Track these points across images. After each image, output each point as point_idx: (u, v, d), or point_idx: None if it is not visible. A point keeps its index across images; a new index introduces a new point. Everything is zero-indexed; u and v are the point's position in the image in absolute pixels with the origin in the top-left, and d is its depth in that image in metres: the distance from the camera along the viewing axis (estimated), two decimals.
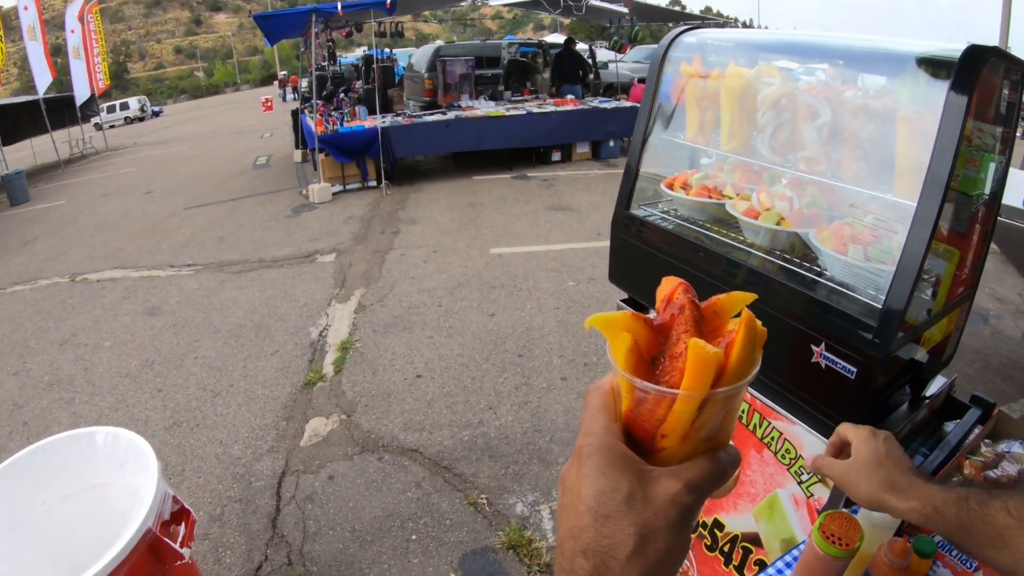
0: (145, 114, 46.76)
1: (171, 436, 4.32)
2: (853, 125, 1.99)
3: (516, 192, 10.71)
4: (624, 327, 0.57)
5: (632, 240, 2.62)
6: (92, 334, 6.19)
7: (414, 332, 5.52)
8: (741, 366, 0.54)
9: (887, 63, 2.05)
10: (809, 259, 2.08)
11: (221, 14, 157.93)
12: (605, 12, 16.09)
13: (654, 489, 0.53)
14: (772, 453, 2.10)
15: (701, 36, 2.66)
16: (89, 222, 11.30)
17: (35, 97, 20.03)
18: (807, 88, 2.16)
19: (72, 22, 23.81)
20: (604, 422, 0.57)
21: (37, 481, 2.37)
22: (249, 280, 7.18)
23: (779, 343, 1.95)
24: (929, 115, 1.68)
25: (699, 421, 0.54)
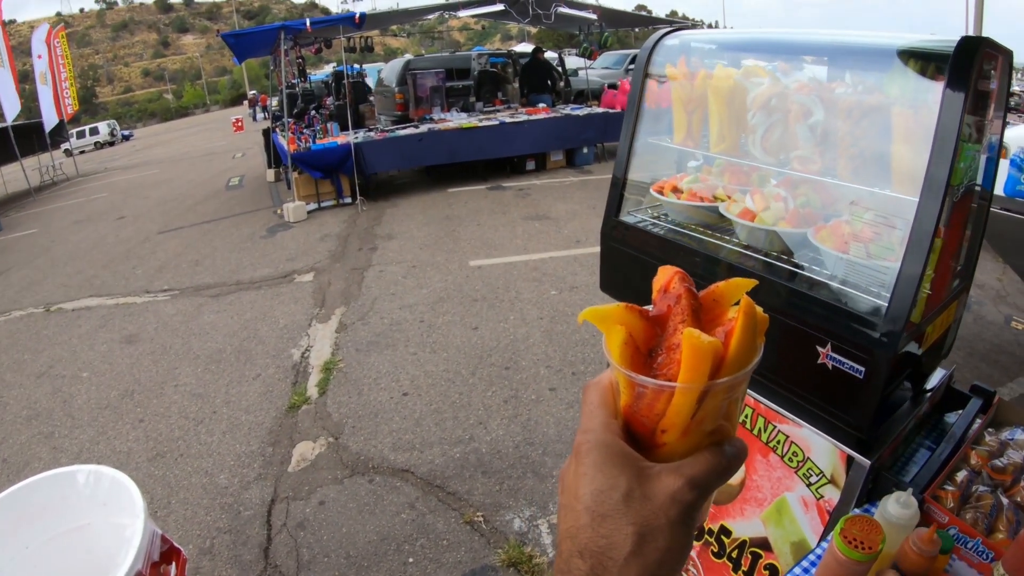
0: (115, 138, 46.42)
1: (155, 468, 4.23)
2: (847, 122, 1.99)
3: (492, 203, 10.68)
4: (619, 320, 0.55)
5: (623, 248, 2.61)
6: (69, 365, 6.09)
7: (398, 349, 5.46)
8: (741, 355, 0.52)
9: (877, 58, 2.04)
10: (807, 259, 2.07)
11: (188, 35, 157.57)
12: (574, 19, 16.17)
13: (654, 486, 0.51)
14: (779, 457, 2.09)
15: (684, 38, 2.66)
16: (62, 250, 11.16)
17: (3, 124, 19.82)
18: (799, 87, 2.17)
19: (39, 47, 23.60)
20: (602, 418, 0.55)
21: (18, 524, 2.30)
22: (227, 303, 7.09)
23: (783, 346, 1.94)
24: (924, 109, 1.69)
25: (700, 414, 0.52)
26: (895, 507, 1.46)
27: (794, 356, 1.90)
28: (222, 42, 12.58)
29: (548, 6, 14.56)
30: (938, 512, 1.56)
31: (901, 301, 1.63)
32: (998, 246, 4.91)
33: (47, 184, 22.45)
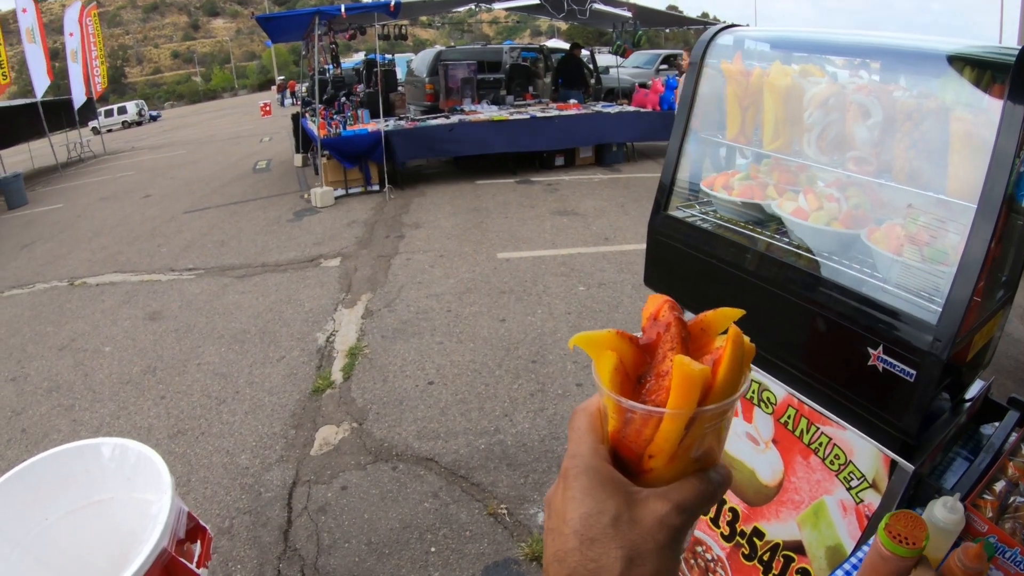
0: (143, 118, 46.83)
1: (176, 445, 4.19)
2: (906, 125, 1.94)
3: (520, 197, 10.61)
4: (609, 346, 0.56)
5: (671, 242, 2.57)
6: (92, 339, 6.07)
7: (424, 338, 5.39)
8: (728, 383, 0.54)
9: (935, 63, 1.96)
10: (859, 260, 2.04)
11: (219, 19, 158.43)
12: (608, 16, 16.08)
13: (642, 511, 0.52)
14: (820, 459, 2.06)
15: (738, 35, 2.62)
16: (87, 226, 11.19)
17: (33, 100, 19.97)
18: (858, 87, 2.12)
19: (71, 25, 23.79)
20: (591, 443, 0.56)
21: (39, 495, 2.24)
22: (252, 285, 7.05)
23: (833, 347, 1.93)
24: (983, 117, 1.66)
25: (687, 440, 0.54)
26: (942, 511, 1.42)
27: (844, 357, 1.87)
28: (252, 27, 12.67)
29: (583, 2, 14.47)
30: (978, 520, 1.52)
31: (955, 306, 1.62)
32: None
33: (74, 160, 22.60)
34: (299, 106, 18.82)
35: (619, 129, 12.90)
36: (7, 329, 6.56)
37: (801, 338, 2.07)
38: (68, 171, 19.91)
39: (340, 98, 14.01)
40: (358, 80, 16.79)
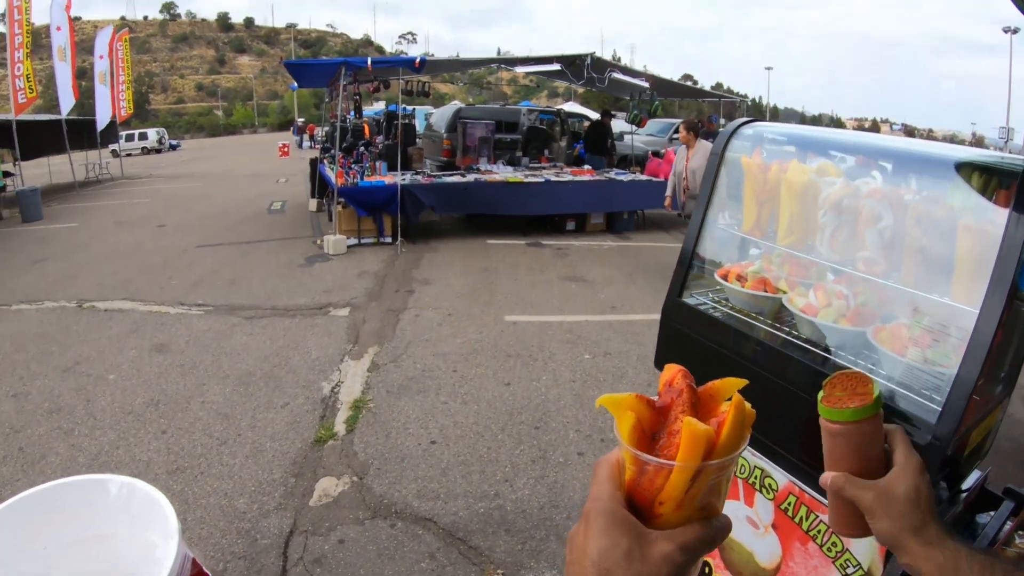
0: (163, 146, 47.35)
1: (173, 481, 4.18)
2: (915, 230, 2.03)
3: (530, 260, 10.69)
4: (629, 407, 0.66)
5: (683, 328, 2.62)
6: (96, 364, 6.09)
7: (428, 396, 5.41)
8: (731, 442, 0.63)
9: (944, 169, 2.07)
10: (864, 357, 2.10)
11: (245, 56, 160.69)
12: (626, 86, 16.38)
13: (651, 548, 0.60)
14: (817, 546, 2.11)
15: (759, 129, 2.71)
16: (100, 249, 11.28)
17: (58, 117, 20.23)
18: (870, 191, 2.19)
19: (102, 47, 24.24)
20: (610, 490, 0.64)
21: (40, 524, 2.24)
22: (260, 327, 7.08)
23: None
24: (989, 223, 1.75)
25: (693, 490, 0.62)
26: None
27: None
28: (276, 67, 13.02)
29: (603, 70, 14.76)
30: None
31: (954, 407, 1.70)
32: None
33: (92, 181, 22.82)
34: (318, 151, 19.05)
35: (631, 197, 13.09)
36: (12, 344, 6.59)
37: (805, 429, 2.11)
38: (85, 191, 20.09)
39: (359, 147, 14.20)
40: (378, 131, 17.00)
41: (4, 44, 17.24)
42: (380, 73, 13.52)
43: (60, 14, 19.92)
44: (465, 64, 20.00)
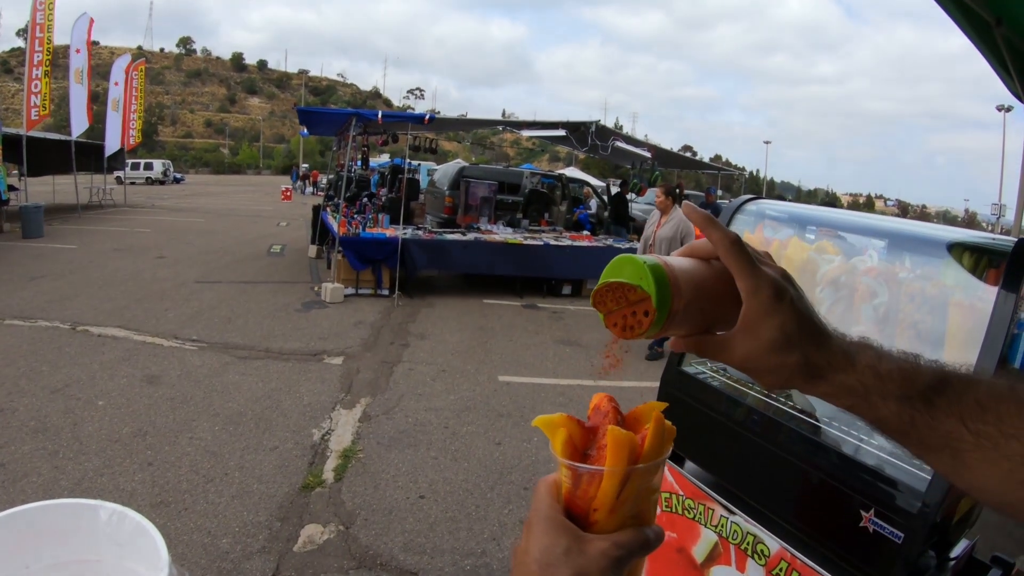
0: (167, 178, 47.66)
1: (156, 515, 4.12)
2: (908, 306, 2.15)
3: (526, 321, 10.73)
4: (562, 425, 0.69)
5: (682, 396, 2.69)
6: (86, 389, 6.06)
7: (419, 450, 5.37)
8: (654, 450, 0.67)
9: (937, 248, 2.19)
10: (857, 426, 2.16)
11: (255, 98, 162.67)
12: (628, 154, 16.65)
13: (588, 545, 0.64)
14: None
15: (762, 206, 2.85)
16: (98, 273, 11.31)
17: (68, 138, 20.39)
18: (866, 269, 2.32)
19: (118, 75, 24.56)
20: (549, 501, 0.68)
21: (25, 542, 2.21)
22: (254, 368, 7.06)
23: (828, 507, 2.07)
24: (980, 301, 1.85)
25: (623, 495, 0.66)
26: None
27: (838, 518, 2.01)
28: (285, 111, 13.25)
29: (607, 138, 15.04)
30: None
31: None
32: None
33: (95, 205, 22.95)
34: (321, 197, 19.19)
35: None
36: (3, 358, 6.59)
37: (800, 497, 2.15)
38: (87, 214, 20.17)
39: (363, 198, 14.32)
40: (382, 183, 17.14)
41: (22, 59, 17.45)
42: (389, 126, 13.73)
43: (81, 37, 20.23)
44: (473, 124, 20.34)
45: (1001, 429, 0.67)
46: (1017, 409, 0.68)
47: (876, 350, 0.77)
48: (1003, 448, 0.67)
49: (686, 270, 0.77)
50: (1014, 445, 0.66)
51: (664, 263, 0.75)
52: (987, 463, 0.68)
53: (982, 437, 0.68)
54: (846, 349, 0.76)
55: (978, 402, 0.70)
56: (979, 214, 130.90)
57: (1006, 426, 0.67)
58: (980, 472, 0.70)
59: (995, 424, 0.68)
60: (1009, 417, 0.68)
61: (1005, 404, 0.69)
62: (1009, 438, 0.67)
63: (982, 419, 0.69)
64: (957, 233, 2.16)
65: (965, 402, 0.71)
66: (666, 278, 0.73)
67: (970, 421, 0.69)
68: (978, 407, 0.69)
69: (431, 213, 15.65)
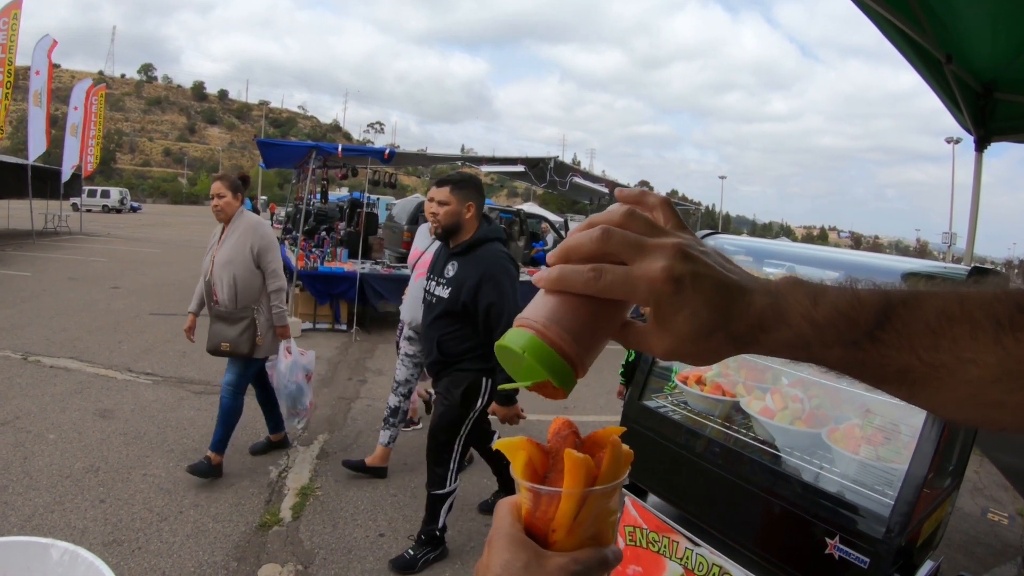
0: (124, 207, 47.08)
1: (109, 554, 4.05)
2: None
3: None
4: (522, 448, 0.71)
5: (644, 431, 2.72)
6: (37, 421, 5.95)
7: (378, 488, 5.35)
8: (611, 473, 0.69)
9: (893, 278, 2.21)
10: (819, 456, 2.23)
11: (215, 127, 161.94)
12: (586, 190, 16.85)
13: (547, 561, 0.66)
14: None
15: (719, 241, 2.93)
16: (51, 303, 11.12)
17: (25, 161, 20.09)
18: None
19: (77, 99, 24.28)
20: (510, 520, 0.70)
21: None
22: (209, 403, 6.95)
23: (793, 535, 2.10)
24: None
25: (581, 516, 0.67)
26: None
27: (803, 546, 2.04)
28: (245, 141, 13.19)
29: (564, 174, 15.23)
30: None
31: (906, 500, 1.82)
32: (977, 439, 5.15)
33: (49, 232, 22.61)
34: (279, 230, 19.05)
35: None
36: None
37: (764, 526, 2.19)
38: (42, 240, 19.85)
39: (321, 232, 14.27)
40: (340, 216, 17.12)
41: None
42: (349, 160, 13.76)
43: (42, 58, 19.99)
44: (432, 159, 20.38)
45: (957, 355, 0.63)
46: (971, 330, 0.63)
47: (807, 289, 0.68)
48: (960, 374, 0.63)
49: (569, 314, 0.69)
50: (972, 370, 0.62)
51: (537, 331, 0.68)
52: (947, 391, 0.64)
53: (938, 367, 0.64)
54: (774, 302, 0.68)
55: (928, 327, 0.64)
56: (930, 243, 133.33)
57: (961, 350, 0.63)
58: (940, 398, 0.65)
59: (950, 351, 0.63)
60: (963, 339, 0.63)
61: (958, 326, 0.63)
62: (966, 363, 0.62)
63: (935, 346, 0.64)
64: (911, 263, 2.25)
65: (915, 330, 0.65)
66: (548, 350, 0.68)
67: (923, 351, 0.64)
68: (930, 333, 0.64)
69: (389, 248, 15.65)
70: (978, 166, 5.85)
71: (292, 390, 5.48)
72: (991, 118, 5.31)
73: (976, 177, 5.95)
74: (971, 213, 6.23)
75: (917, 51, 4.64)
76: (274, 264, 5.23)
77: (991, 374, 0.61)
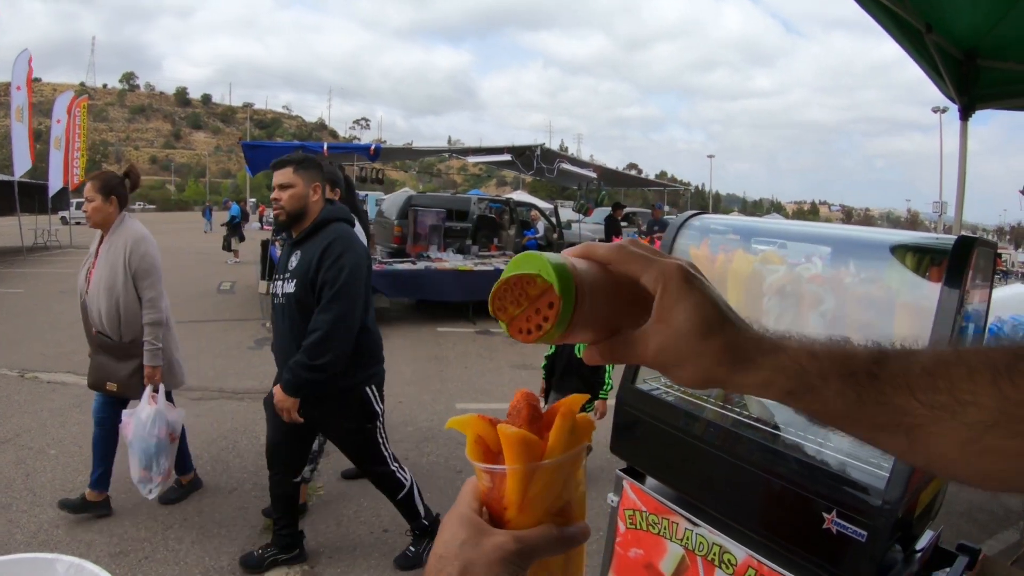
0: None
1: (117, 565, 4.07)
2: (855, 309, 2.22)
3: (480, 348, 10.79)
4: (471, 426, 0.72)
5: (637, 413, 2.72)
6: (37, 438, 5.96)
7: None
8: (558, 445, 0.67)
9: (881, 250, 2.28)
10: (814, 431, 2.22)
11: (200, 132, 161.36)
12: (575, 176, 16.84)
13: (486, 539, 0.65)
14: None
15: (706, 221, 2.91)
16: (46, 318, 11.13)
17: (11, 178, 20.02)
18: (811, 276, 2.39)
19: (60, 112, 24.16)
20: (467, 499, 0.71)
21: None
22: (207, 409, 6.99)
23: (791, 512, 2.10)
24: (923, 299, 1.92)
25: (531, 492, 0.67)
26: None
27: (801, 521, 2.04)
28: (231, 145, 13.19)
29: (552, 161, 15.25)
30: None
31: (901, 472, 1.82)
32: None
33: (40, 246, 22.52)
34: (269, 232, 19.00)
35: None
36: None
37: (761, 504, 2.20)
38: (32, 256, 19.82)
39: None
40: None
41: None
42: (335, 158, 13.74)
43: (21, 74, 19.90)
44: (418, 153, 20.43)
45: (955, 396, 0.63)
46: (968, 373, 0.63)
47: (802, 337, 0.72)
48: (960, 416, 0.62)
49: (586, 266, 0.71)
50: (971, 411, 0.62)
51: (563, 255, 0.71)
52: (945, 435, 0.63)
53: (936, 408, 0.63)
54: (770, 336, 0.72)
55: (925, 370, 0.65)
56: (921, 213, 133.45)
57: (959, 392, 0.63)
58: (938, 445, 0.64)
59: (948, 392, 0.63)
60: (961, 382, 0.63)
61: (955, 368, 0.64)
62: (965, 404, 0.62)
63: (933, 387, 0.64)
64: (899, 235, 2.24)
65: (912, 372, 0.66)
66: (566, 267, 0.67)
67: (920, 392, 0.64)
68: (926, 375, 0.65)
69: (381, 244, 15.63)
70: (963, 135, 5.84)
71: (149, 447, 4.52)
72: (974, 86, 5.29)
73: (962, 146, 5.93)
74: (958, 182, 6.23)
75: (897, 22, 4.63)
76: (152, 292, 4.66)
77: (990, 417, 0.61)
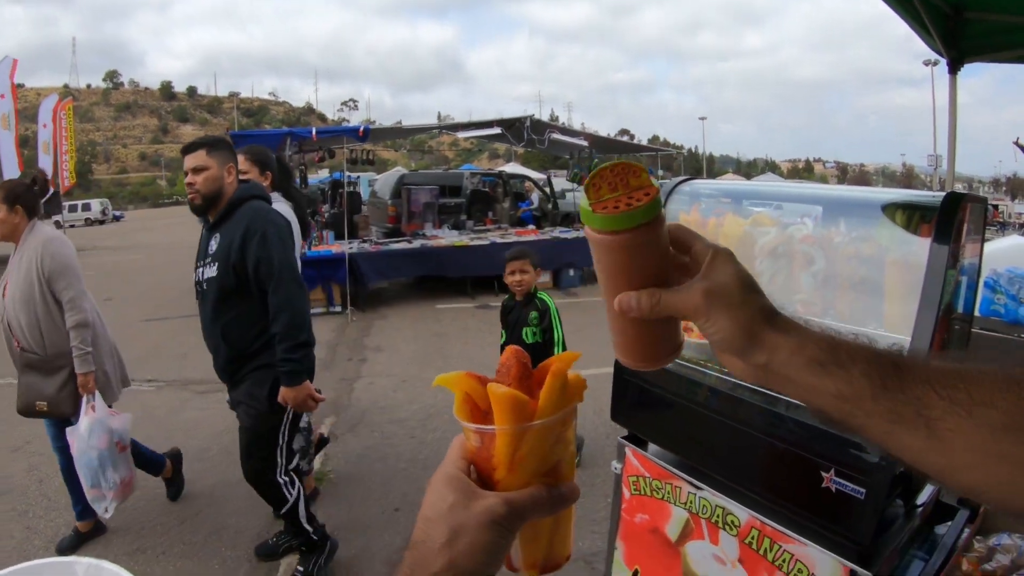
0: (106, 217, 46.85)
1: (134, 562, 4.13)
2: (847, 269, 2.22)
3: (479, 322, 10.86)
4: (459, 384, 0.70)
5: (636, 380, 2.71)
6: (46, 444, 5.84)
7: (388, 463, 5.44)
8: (549, 405, 0.67)
9: (871, 209, 2.27)
10: None
11: (188, 125, 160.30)
12: (566, 145, 16.76)
13: (475, 502, 0.65)
14: (784, 574, 2.16)
15: (695, 186, 2.87)
16: None
17: None
18: (803, 237, 2.37)
19: (45, 116, 23.99)
20: (454, 458, 0.70)
21: None
22: (213, 401, 7.02)
23: (790, 472, 2.10)
24: (914, 256, 1.90)
25: (520, 453, 0.66)
26: None
27: (800, 482, 2.04)
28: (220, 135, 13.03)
29: (542, 132, 15.18)
30: None
31: None
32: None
33: None
34: None
35: (576, 254, 13.38)
36: None
37: (761, 466, 2.22)
38: None
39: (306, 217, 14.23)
40: (322, 199, 17.09)
41: None
42: (325, 142, 13.71)
43: (4, 81, 19.76)
44: (408, 131, 20.36)
45: (973, 396, 0.64)
46: (986, 377, 0.65)
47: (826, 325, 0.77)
48: (978, 416, 0.63)
49: None
50: (991, 413, 0.63)
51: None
52: (963, 434, 0.64)
53: (955, 404, 0.64)
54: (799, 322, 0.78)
55: (944, 369, 0.68)
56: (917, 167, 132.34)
57: (978, 393, 0.64)
58: (956, 446, 0.64)
59: (966, 391, 0.64)
60: (979, 385, 0.64)
61: (973, 372, 0.66)
62: (984, 406, 0.63)
63: (952, 384, 0.65)
64: (889, 194, 2.25)
65: (931, 368, 0.68)
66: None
67: (939, 386, 0.65)
68: (946, 373, 0.67)
69: (376, 224, 15.62)
70: (953, 88, 5.78)
71: (92, 461, 4.24)
72: (963, 38, 5.24)
73: (952, 100, 5.87)
74: (949, 136, 6.20)
75: None
76: (71, 292, 4.21)
77: (1006, 420, 0.62)
